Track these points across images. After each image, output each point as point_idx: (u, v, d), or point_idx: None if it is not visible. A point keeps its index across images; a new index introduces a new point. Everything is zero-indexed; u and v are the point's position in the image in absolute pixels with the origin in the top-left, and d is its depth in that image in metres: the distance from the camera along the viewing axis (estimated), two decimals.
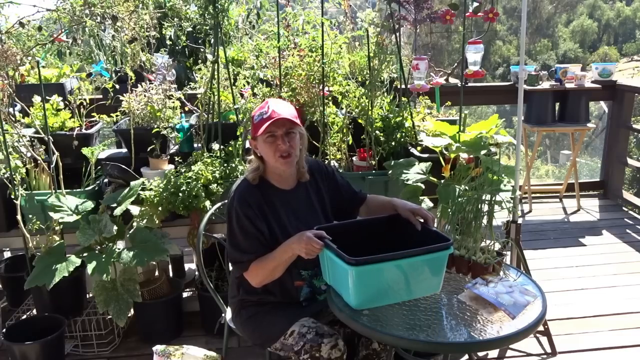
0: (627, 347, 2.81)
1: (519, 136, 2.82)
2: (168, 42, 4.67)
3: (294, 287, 2.03)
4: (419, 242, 1.79)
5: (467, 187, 2.12)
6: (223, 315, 2.33)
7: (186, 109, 3.21)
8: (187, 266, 3.48)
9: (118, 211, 2.61)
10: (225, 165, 2.82)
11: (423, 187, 2.69)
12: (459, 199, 2.02)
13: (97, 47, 4.42)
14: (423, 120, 3.28)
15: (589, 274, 3.62)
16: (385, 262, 1.67)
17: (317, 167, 2.14)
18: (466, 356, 2.68)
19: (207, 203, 2.66)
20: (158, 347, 2.18)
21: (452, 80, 4.38)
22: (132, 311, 2.78)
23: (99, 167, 2.96)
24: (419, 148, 3.00)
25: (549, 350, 2.77)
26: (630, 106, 4.78)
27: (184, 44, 4.22)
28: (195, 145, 3.14)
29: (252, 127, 1.96)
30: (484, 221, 1.99)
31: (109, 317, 2.77)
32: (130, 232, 2.66)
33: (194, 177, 2.71)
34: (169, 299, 2.88)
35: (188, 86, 3.42)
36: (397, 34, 3.08)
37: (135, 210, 2.67)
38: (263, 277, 1.95)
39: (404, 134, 3.08)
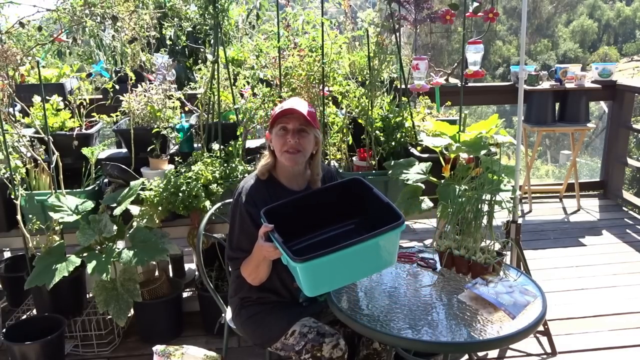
0: (627, 347, 2.81)
1: (519, 136, 2.82)
2: (168, 42, 4.67)
3: (294, 288, 2.04)
4: (373, 212, 1.81)
5: (467, 187, 2.12)
6: (223, 315, 2.33)
7: (186, 109, 3.21)
8: (187, 266, 3.48)
9: (118, 211, 2.61)
10: (225, 165, 2.82)
11: (423, 187, 2.69)
12: (459, 199, 2.02)
13: (97, 47, 4.41)
14: (423, 120, 3.28)
15: (589, 274, 3.62)
16: (331, 255, 1.65)
17: (329, 175, 2.16)
18: (466, 356, 2.68)
19: (207, 203, 2.66)
20: (158, 347, 2.18)
21: (452, 80, 4.38)
22: (132, 311, 2.79)
23: (99, 167, 2.96)
24: (419, 148, 3.00)
25: (549, 350, 2.77)
26: (630, 106, 4.78)
27: (184, 44, 4.22)
28: (195, 145, 3.14)
29: (270, 121, 1.98)
30: (484, 221, 1.99)
31: (109, 317, 2.78)
32: (130, 232, 2.66)
33: (194, 177, 2.71)
34: (169, 299, 2.88)
35: (188, 86, 3.42)
36: (397, 34, 3.08)
37: (135, 210, 2.67)
38: (253, 277, 1.96)
39: (404, 134, 3.07)
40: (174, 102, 3.06)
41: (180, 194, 2.65)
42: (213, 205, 2.55)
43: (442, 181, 2.72)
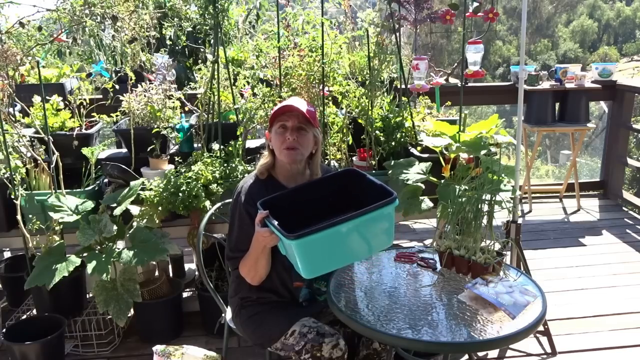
0: (627, 347, 2.81)
1: (519, 136, 2.82)
2: (168, 42, 4.67)
3: (294, 288, 2.04)
4: (371, 201, 1.79)
5: (467, 187, 2.12)
6: (223, 315, 2.33)
7: (186, 109, 3.21)
8: (187, 266, 3.48)
9: (118, 211, 2.61)
10: (225, 165, 2.82)
11: (423, 187, 2.69)
12: (459, 199, 2.02)
13: (97, 47, 4.42)
14: (423, 120, 3.28)
15: (589, 274, 3.62)
16: (325, 230, 1.65)
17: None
18: (466, 356, 2.68)
19: (207, 203, 2.66)
20: (158, 347, 2.18)
21: (452, 80, 4.38)
22: (132, 311, 2.78)
23: (99, 167, 2.96)
24: (419, 148, 3.00)
25: (549, 350, 2.77)
26: (630, 106, 4.78)
27: (184, 44, 4.22)
28: (195, 145, 3.14)
29: (269, 119, 2.00)
30: (484, 221, 1.99)
31: (109, 317, 2.77)
32: (130, 232, 2.66)
33: (194, 177, 2.71)
34: (169, 299, 2.88)
35: (188, 86, 3.42)
36: (397, 34, 3.08)
37: (135, 210, 2.67)
38: (252, 274, 1.96)
39: (404, 134, 3.07)
40: (174, 102, 3.06)
41: (180, 194, 2.65)
42: (213, 205, 2.55)
43: (442, 181, 2.72)
